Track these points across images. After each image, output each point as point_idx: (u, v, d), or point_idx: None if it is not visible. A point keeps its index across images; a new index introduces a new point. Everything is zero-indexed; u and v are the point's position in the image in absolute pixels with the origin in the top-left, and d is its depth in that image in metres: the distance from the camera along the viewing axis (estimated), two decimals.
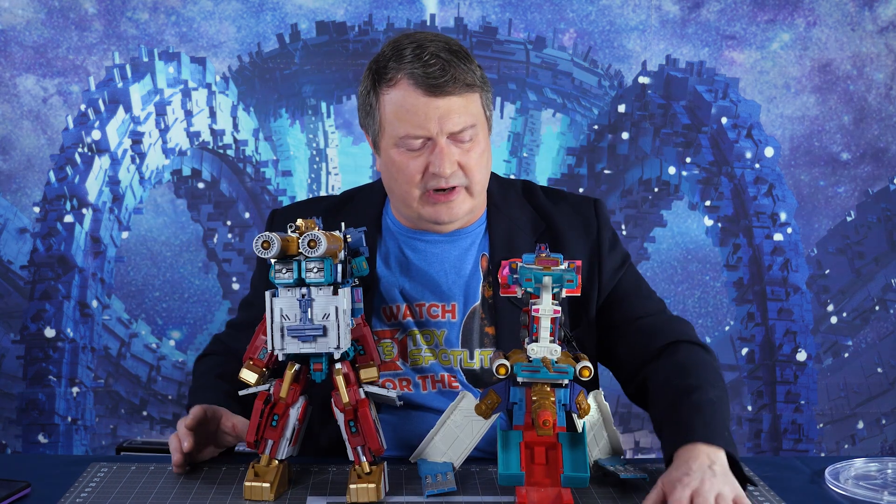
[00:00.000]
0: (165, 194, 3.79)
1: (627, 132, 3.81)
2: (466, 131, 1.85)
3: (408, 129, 1.84)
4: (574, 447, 1.61)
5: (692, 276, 3.84)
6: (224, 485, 1.72)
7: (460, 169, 1.87)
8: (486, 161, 1.92)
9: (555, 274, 1.60)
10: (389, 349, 1.94)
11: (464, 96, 1.85)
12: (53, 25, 3.66)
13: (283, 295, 1.61)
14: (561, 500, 1.57)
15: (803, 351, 3.77)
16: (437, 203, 1.89)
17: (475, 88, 1.87)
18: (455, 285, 1.96)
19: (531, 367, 1.60)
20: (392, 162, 1.89)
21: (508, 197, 2.04)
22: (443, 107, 1.83)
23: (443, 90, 1.82)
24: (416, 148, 1.86)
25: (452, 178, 1.87)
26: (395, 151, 1.88)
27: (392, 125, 1.86)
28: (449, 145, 1.85)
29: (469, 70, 1.86)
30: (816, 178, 3.82)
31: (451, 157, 1.85)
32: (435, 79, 1.82)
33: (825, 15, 3.74)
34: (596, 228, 2.03)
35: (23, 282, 3.70)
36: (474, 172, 1.88)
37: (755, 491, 1.72)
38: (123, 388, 3.77)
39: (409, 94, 1.83)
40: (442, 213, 1.90)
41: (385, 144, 1.90)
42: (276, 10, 3.72)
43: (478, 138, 1.88)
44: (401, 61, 1.84)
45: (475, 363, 1.95)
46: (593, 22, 3.76)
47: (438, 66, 1.82)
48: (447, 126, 1.84)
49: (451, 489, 1.67)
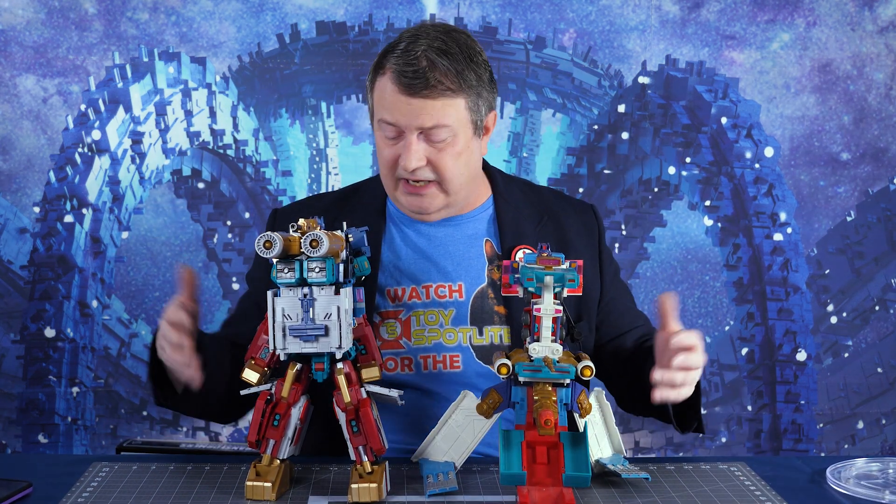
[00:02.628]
0: (165, 194, 3.79)
1: (627, 132, 3.81)
2: (438, 131, 1.87)
3: (383, 115, 1.90)
4: (576, 447, 1.61)
5: (692, 276, 3.84)
6: (225, 484, 1.72)
7: (430, 165, 1.90)
8: (465, 161, 1.92)
9: (556, 273, 1.60)
10: (392, 328, 1.95)
11: (440, 100, 1.86)
12: (53, 25, 3.66)
13: (284, 294, 1.62)
14: (563, 499, 1.57)
15: (803, 351, 3.77)
16: (408, 193, 1.94)
17: (459, 93, 1.87)
18: (460, 266, 1.99)
19: (533, 366, 1.60)
20: (377, 143, 1.96)
21: (512, 189, 2.07)
22: (416, 105, 1.86)
23: (417, 91, 1.85)
24: (392, 136, 1.91)
25: (419, 173, 1.90)
26: (378, 134, 1.94)
27: (377, 109, 1.93)
28: (419, 141, 1.88)
29: (457, 73, 1.86)
30: (816, 178, 3.82)
31: (418, 154, 1.88)
32: (410, 79, 1.85)
33: (825, 15, 3.74)
34: (597, 232, 2.08)
35: (23, 282, 3.70)
36: (445, 171, 1.91)
37: (756, 490, 1.72)
38: (123, 388, 3.77)
39: (389, 85, 1.88)
40: (413, 203, 1.95)
41: (375, 126, 1.96)
42: (276, 10, 3.72)
43: (455, 140, 1.89)
44: (392, 53, 1.89)
45: (485, 339, 1.97)
46: (593, 22, 3.76)
47: (422, 66, 1.85)
48: (416, 122, 1.87)
49: (453, 489, 1.67)
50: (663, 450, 3.83)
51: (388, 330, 1.96)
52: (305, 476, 1.76)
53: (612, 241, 3.79)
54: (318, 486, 1.72)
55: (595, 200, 3.76)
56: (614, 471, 1.73)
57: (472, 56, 1.91)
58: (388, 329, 1.96)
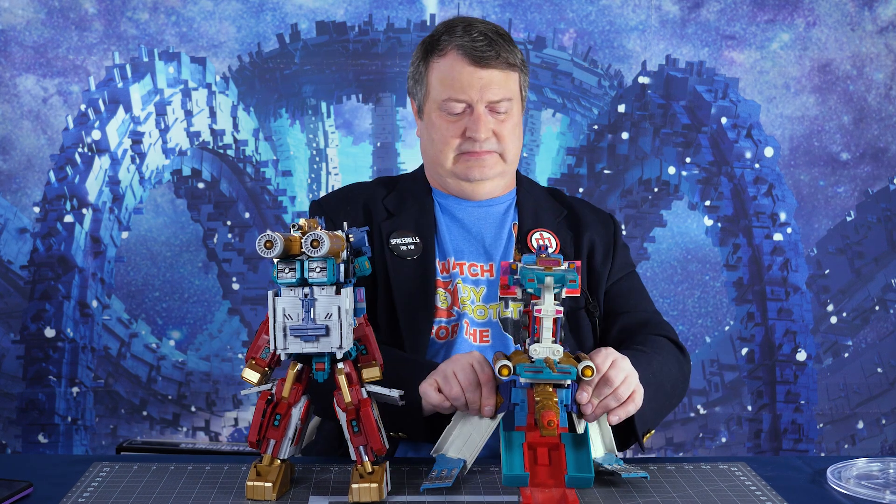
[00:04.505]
0: (165, 194, 3.79)
1: (627, 132, 3.81)
2: (503, 103, 2.07)
3: (450, 94, 2.07)
4: (578, 448, 1.61)
5: (692, 276, 3.84)
6: (226, 484, 1.72)
7: (494, 136, 2.08)
8: (518, 134, 2.13)
9: (556, 274, 1.60)
10: (444, 298, 2.09)
11: (504, 72, 2.07)
12: (53, 25, 3.66)
13: (285, 294, 1.61)
14: (566, 500, 1.57)
15: (803, 351, 3.77)
16: (469, 160, 2.10)
17: (515, 68, 2.09)
18: (493, 247, 2.14)
19: (534, 367, 1.60)
20: (433, 125, 2.11)
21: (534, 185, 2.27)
22: (485, 77, 2.05)
23: (487, 63, 2.05)
24: (457, 112, 2.07)
25: (486, 143, 2.08)
26: (436, 115, 2.10)
27: (437, 90, 2.09)
28: (486, 114, 2.07)
29: (511, 51, 2.08)
30: (816, 178, 3.82)
31: (486, 124, 2.06)
32: (480, 52, 2.05)
33: (825, 15, 3.74)
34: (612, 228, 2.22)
35: (23, 282, 3.70)
36: (507, 142, 2.09)
37: (756, 490, 1.72)
38: (123, 388, 3.77)
39: (457, 62, 2.07)
40: (474, 169, 2.10)
41: (429, 108, 2.12)
42: (276, 10, 3.72)
43: (512, 112, 2.09)
44: (452, 35, 2.08)
45: (510, 312, 2.09)
46: (593, 22, 3.76)
47: (485, 41, 2.05)
48: (486, 95, 2.06)
49: (446, 485, 1.67)
50: (663, 450, 3.83)
51: (441, 299, 2.09)
52: (306, 476, 1.76)
53: None
54: (319, 486, 1.72)
55: (595, 200, 3.76)
56: (612, 470, 1.73)
57: (513, 41, 2.12)
58: (440, 298, 2.09)
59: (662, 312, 2.21)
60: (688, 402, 3.81)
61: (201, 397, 3.81)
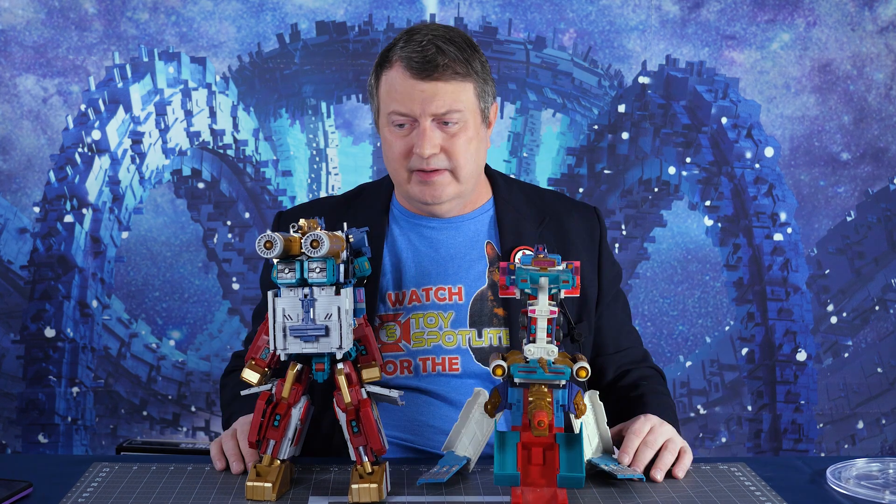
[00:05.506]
0: (165, 194, 3.79)
1: (627, 132, 3.81)
2: (451, 115, 1.91)
3: (394, 107, 1.92)
4: (570, 448, 1.61)
5: (692, 276, 3.84)
6: (226, 485, 1.72)
7: (444, 153, 1.93)
8: (475, 149, 1.96)
9: (551, 275, 1.60)
10: (392, 331, 1.97)
11: (452, 83, 1.91)
12: (53, 25, 3.66)
13: (285, 295, 1.62)
14: (556, 500, 1.58)
15: (803, 351, 3.77)
16: (421, 182, 1.95)
17: (468, 78, 1.93)
18: (461, 269, 2.00)
19: (528, 367, 1.60)
20: (385, 140, 1.97)
21: (513, 191, 2.10)
22: (428, 90, 1.90)
23: (429, 74, 1.89)
24: (404, 127, 1.93)
25: (434, 161, 1.93)
26: (387, 130, 1.96)
27: (385, 103, 1.95)
28: (433, 128, 1.91)
29: (465, 60, 1.92)
30: (816, 178, 3.82)
31: (432, 140, 1.91)
32: (421, 63, 1.89)
33: (825, 15, 3.74)
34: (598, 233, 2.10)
35: (23, 282, 3.70)
36: (458, 158, 1.94)
37: (756, 491, 1.72)
38: (123, 388, 3.77)
39: (400, 74, 1.91)
40: (426, 193, 1.96)
41: (381, 122, 1.98)
42: (276, 10, 3.72)
43: (466, 126, 1.93)
44: (397, 47, 1.93)
45: (483, 341, 1.98)
46: (593, 22, 3.76)
47: (430, 51, 1.89)
48: (430, 108, 1.90)
49: (440, 480, 1.68)
50: None
51: (388, 333, 1.98)
52: (306, 476, 1.77)
53: (613, 241, 3.79)
54: (319, 487, 1.72)
55: (595, 200, 3.76)
56: (608, 471, 1.73)
57: (473, 46, 1.97)
58: (387, 332, 1.98)
59: (662, 312, 2.22)
60: (688, 402, 3.81)
61: (201, 397, 3.81)
